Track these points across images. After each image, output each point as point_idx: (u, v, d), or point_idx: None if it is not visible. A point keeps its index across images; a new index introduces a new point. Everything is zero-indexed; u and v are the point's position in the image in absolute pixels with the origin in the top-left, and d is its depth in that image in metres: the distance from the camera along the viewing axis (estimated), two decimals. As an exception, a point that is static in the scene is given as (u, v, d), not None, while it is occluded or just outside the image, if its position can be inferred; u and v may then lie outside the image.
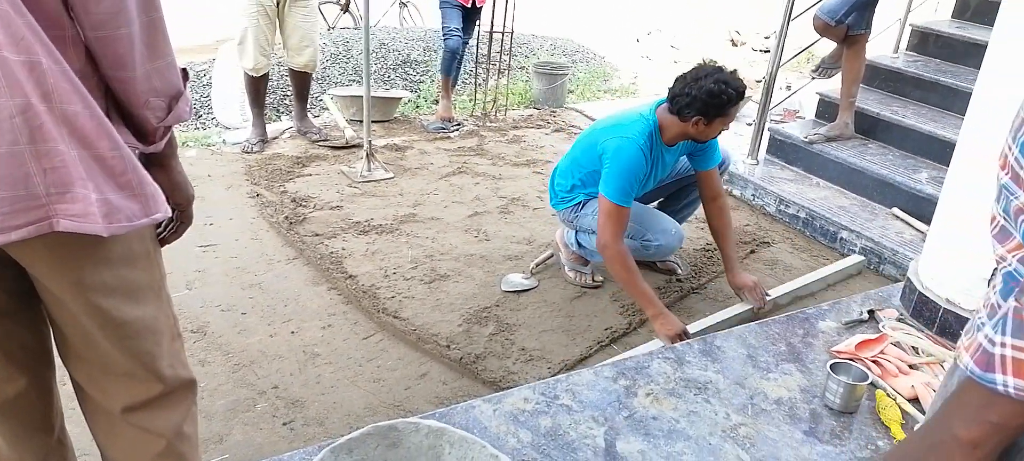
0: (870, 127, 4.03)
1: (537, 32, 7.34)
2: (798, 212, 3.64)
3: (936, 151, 3.71)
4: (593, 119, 5.27)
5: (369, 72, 3.77)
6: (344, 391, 2.30)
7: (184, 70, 1.13)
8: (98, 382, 1.18)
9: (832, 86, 4.29)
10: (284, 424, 2.15)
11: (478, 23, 5.08)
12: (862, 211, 3.57)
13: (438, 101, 5.13)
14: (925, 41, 4.51)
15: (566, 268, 3.02)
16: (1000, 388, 0.76)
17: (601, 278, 3.01)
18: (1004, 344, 0.76)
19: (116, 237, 1.02)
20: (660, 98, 2.67)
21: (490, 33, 5.01)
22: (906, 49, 4.63)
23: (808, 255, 3.41)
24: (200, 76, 5.44)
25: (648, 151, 2.58)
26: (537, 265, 3.05)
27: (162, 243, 1.26)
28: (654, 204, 3.16)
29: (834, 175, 3.85)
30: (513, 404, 1.99)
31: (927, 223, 3.26)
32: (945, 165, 3.56)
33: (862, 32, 3.81)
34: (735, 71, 2.55)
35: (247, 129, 4.43)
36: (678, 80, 2.57)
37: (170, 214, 1.10)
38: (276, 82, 5.30)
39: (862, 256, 3.31)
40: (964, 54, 4.23)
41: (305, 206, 3.51)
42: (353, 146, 4.32)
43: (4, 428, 1.19)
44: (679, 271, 3.12)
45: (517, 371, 2.44)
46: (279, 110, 5.16)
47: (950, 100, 3.97)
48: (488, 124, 5.06)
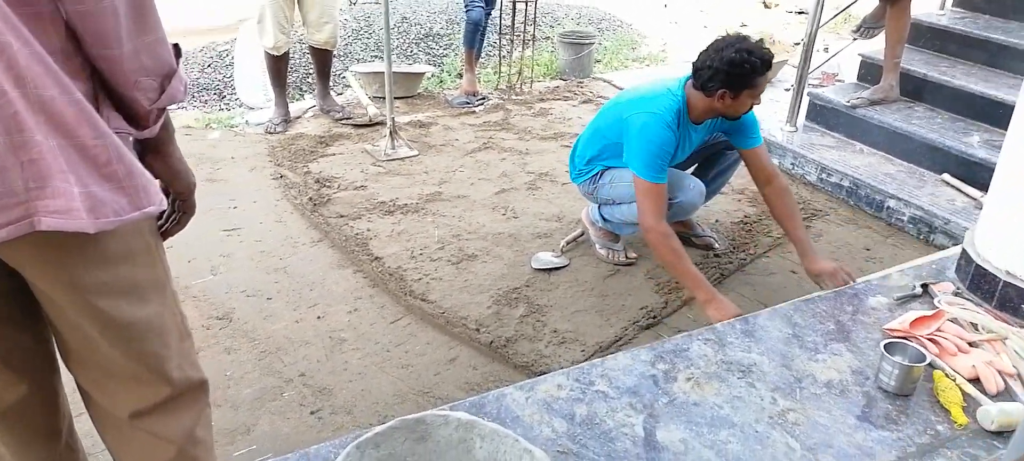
0: (916, 89, 3.82)
1: (562, 0, 7.16)
2: (841, 181, 3.48)
3: (988, 112, 3.51)
4: (621, 89, 5.13)
5: (390, 48, 3.66)
6: (372, 378, 2.23)
7: (176, 46, 1.03)
8: (103, 386, 1.11)
9: (875, 47, 4.08)
10: (311, 413, 2.09)
11: (501, -7, 4.95)
12: (910, 178, 3.39)
13: (462, 75, 5.01)
14: (973, -5, 4.27)
15: (597, 246, 2.91)
16: None
17: (635, 254, 2.89)
18: None
19: (111, 233, 0.94)
20: (688, 73, 2.53)
21: (514, 3, 4.86)
22: (952, 5, 4.39)
23: (854, 226, 3.25)
24: (222, 56, 5.39)
25: (675, 128, 2.45)
26: (567, 243, 2.94)
27: (164, 236, 1.18)
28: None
29: (879, 140, 3.67)
30: (546, 391, 1.90)
31: (980, 189, 3.09)
32: (998, 127, 3.39)
33: None
34: (760, 40, 2.40)
35: (270, 109, 4.36)
36: (701, 53, 2.42)
37: (164, 206, 1.01)
38: (298, 60, 5.23)
39: (962, 246, 3.02)
40: (1015, 8, 3.98)
41: (329, 187, 3.44)
42: (376, 124, 4.23)
43: (7, 436, 1.13)
44: (716, 246, 2.99)
45: (549, 354, 2.35)
46: (301, 89, 5.09)
47: (1001, 58, 3.76)
48: (514, 97, 4.94)
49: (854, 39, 4.28)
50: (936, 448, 1.73)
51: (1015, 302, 2.20)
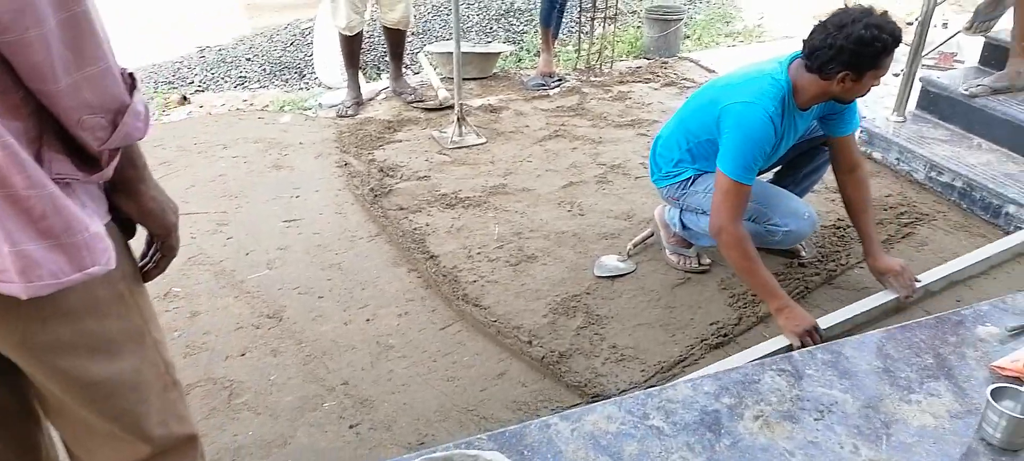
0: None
1: (651, -28, 6.79)
2: (954, 180, 3.08)
3: None
4: (710, 70, 4.79)
5: (459, 28, 3.52)
6: (416, 390, 2.13)
7: (131, 75, 0.91)
8: (82, 443, 1.03)
9: (1002, 25, 3.59)
10: (350, 426, 2.01)
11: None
12: (1035, 180, 2.96)
13: (539, 54, 4.81)
14: None
15: (667, 251, 2.68)
16: None
17: (709, 261, 2.66)
18: None
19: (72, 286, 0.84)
20: (792, 53, 2.25)
21: (596, -23, 4.61)
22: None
23: (966, 234, 2.87)
24: (305, 34, 5.41)
25: (779, 119, 2.18)
26: (635, 246, 2.73)
27: (145, 278, 1.07)
28: (771, 174, 2.74)
29: (1001, 135, 3.23)
30: (595, 423, 1.73)
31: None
32: None
33: None
34: (885, 12, 2.10)
35: (344, 90, 4.32)
36: (817, 30, 2.14)
37: (111, 266, 0.90)
38: (376, 38, 5.18)
39: None
40: None
41: (392, 176, 3.35)
42: (446, 108, 4.11)
43: None
44: (803, 254, 2.70)
45: (605, 373, 2.18)
46: (379, 67, 5.03)
47: None
48: (592, 79, 4.70)
49: (968, 34, 3.77)
50: (1051, 526, 1.46)
51: None
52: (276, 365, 2.23)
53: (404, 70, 4.47)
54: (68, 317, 0.90)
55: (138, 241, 1.08)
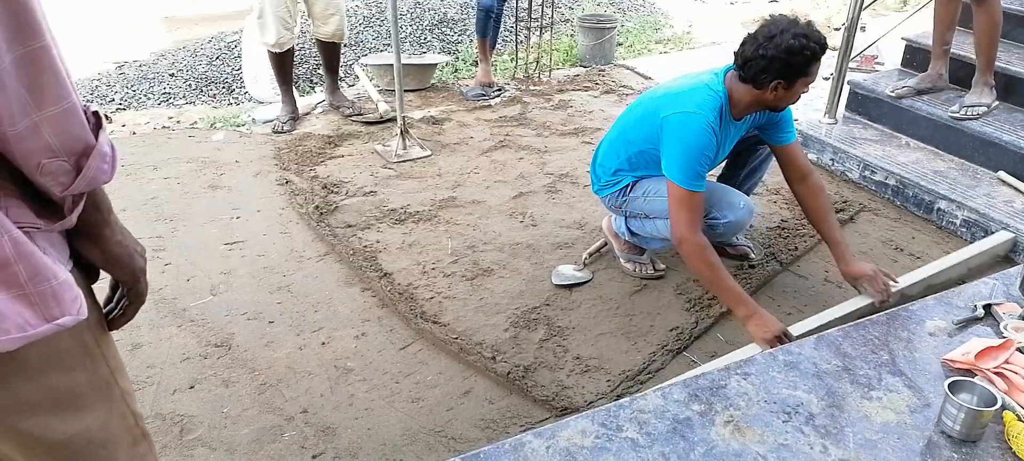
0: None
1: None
2: (886, 178, 3.22)
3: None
4: (646, 77, 4.87)
5: (399, 42, 3.45)
6: (380, 414, 2.06)
7: (96, 114, 0.83)
8: None
9: (920, 30, 3.79)
10: (313, 457, 1.92)
11: (517, -24, 4.70)
12: (962, 176, 3.12)
13: (477, 63, 4.78)
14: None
15: (622, 259, 2.69)
16: None
17: (663, 266, 2.68)
18: None
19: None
20: (726, 65, 2.29)
21: (531, -13, 4.62)
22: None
23: (904, 227, 3.00)
24: (231, 48, 5.21)
25: (718, 128, 2.22)
26: (590, 255, 2.73)
27: (111, 326, 0.99)
28: (715, 175, 2.79)
29: (927, 134, 3.40)
30: (569, 439, 1.70)
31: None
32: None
33: None
34: (810, 21, 2.17)
35: (278, 105, 4.18)
36: (747, 42, 2.18)
37: (83, 315, 0.82)
38: (308, 50, 5.04)
39: (1010, 232, 2.78)
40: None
41: (337, 193, 3.26)
42: (387, 120, 4.03)
43: None
44: (752, 255, 2.76)
45: (572, 385, 2.16)
46: (312, 81, 4.90)
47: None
48: (531, 88, 4.70)
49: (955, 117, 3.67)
50: (1014, 511, 1.52)
51: (1094, 328, 1.96)
52: (229, 396, 2.11)
53: (340, 83, 4.36)
54: (30, 373, 0.81)
55: (101, 285, 0.99)
